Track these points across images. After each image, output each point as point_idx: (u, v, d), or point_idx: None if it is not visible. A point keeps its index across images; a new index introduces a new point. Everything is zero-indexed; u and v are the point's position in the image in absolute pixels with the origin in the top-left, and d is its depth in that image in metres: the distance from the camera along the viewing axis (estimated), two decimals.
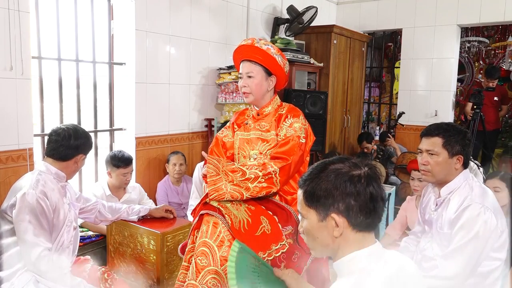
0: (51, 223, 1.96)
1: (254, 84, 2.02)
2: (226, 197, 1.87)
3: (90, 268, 2.20)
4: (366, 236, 1.13)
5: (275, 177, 1.89)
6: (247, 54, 2.03)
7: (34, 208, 1.88)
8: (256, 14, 4.40)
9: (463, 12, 4.97)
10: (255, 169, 1.88)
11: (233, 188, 1.86)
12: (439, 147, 1.84)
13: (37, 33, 2.81)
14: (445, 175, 1.87)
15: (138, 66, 3.32)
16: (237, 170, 1.90)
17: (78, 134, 2.07)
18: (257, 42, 2.01)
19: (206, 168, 1.93)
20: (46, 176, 2.01)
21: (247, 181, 1.87)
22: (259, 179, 1.87)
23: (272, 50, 2.00)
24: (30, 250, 1.88)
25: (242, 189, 1.86)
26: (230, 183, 1.87)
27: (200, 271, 1.77)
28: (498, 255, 1.81)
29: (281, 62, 2.03)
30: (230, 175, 1.88)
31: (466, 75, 6.61)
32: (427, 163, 1.88)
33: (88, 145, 2.14)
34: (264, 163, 1.90)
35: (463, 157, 1.85)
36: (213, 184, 1.87)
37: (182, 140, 3.75)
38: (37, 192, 1.90)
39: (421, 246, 2.02)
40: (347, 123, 5.07)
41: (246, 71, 2.03)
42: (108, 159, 3.02)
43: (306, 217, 1.16)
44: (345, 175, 1.11)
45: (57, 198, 2.00)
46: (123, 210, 2.51)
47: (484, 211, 1.73)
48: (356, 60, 5.13)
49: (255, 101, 2.07)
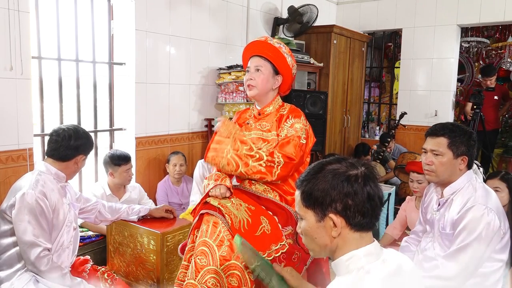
0: (50, 224, 1.97)
1: (261, 79, 2.02)
2: (222, 162, 1.89)
3: (90, 268, 2.21)
4: (364, 235, 1.14)
5: (276, 168, 1.89)
6: (258, 49, 2.04)
7: (33, 208, 1.88)
8: (256, 14, 4.40)
9: (463, 12, 4.97)
10: (263, 152, 1.90)
11: (233, 157, 1.88)
12: (444, 148, 1.83)
13: (37, 33, 2.81)
14: (449, 175, 1.86)
15: (138, 66, 3.32)
16: (246, 143, 1.92)
17: (78, 134, 2.07)
18: (270, 39, 2.03)
19: (219, 127, 1.96)
20: (46, 177, 2.01)
21: (250, 157, 1.88)
22: (262, 161, 1.88)
23: (284, 49, 2.03)
24: (30, 250, 1.88)
25: (241, 161, 1.88)
26: (234, 151, 1.89)
27: (199, 271, 1.77)
28: (500, 256, 1.81)
29: (290, 62, 2.04)
30: (238, 144, 1.90)
31: (466, 75, 6.61)
32: (431, 163, 1.87)
33: (88, 146, 2.13)
34: (273, 152, 1.91)
35: (468, 158, 1.84)
36: (217, 143, 1.90)
37: (182, 140, 3.75)
38: (36, 193, 1.91)
39: (422, 246, 2.02)
40: (347, 123, 5.07)
41: (254, 64, 2.04)
42: (107, 160, 3.02)
43: (304, 218, 1.16)
44: (342, 175, 1.11)
45: (56, 198, 2.00)
46: (123, 210, 2.51)
47: (487, 213, 1.73)
48: (356, 60, 5.13)
49: (257, 96, 2.06)
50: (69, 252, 2.11)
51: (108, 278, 2.16)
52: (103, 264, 2.61)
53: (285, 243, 1.83)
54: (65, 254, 2.08)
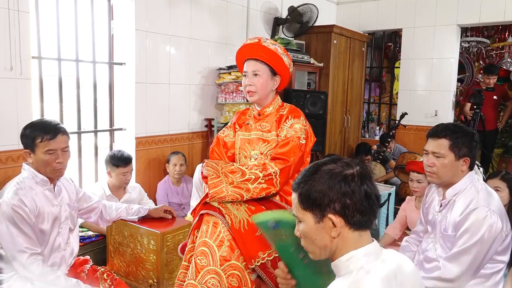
0: (36, 228, 1.92)
1: (260, 83, 1.99)
2: (227, 199, 1.86)
3: (89, 268, 2.20)
4: (363, 234, 1.14)
5: (275, 178, 1.88)
6: (253, 53, 2.00)
7: (11, 217, 1.84)
8: (256, 14, 4.40)
9: (463, 12, 4.97)
10: (255, 170, 1.87)
11: (233, 191, 1.85)
12: (445, 149, 1.80)
13: (37, 33, 2.81)
14: (451, 177, 1.84)
15: (138, 66, 3.32)
16: (236, 171, 1.89)
17: (31, 122, 1.98)
18: (264, 41, 1.99)
19: (205, 170, 1.93)
20: (28, 182, 1.95)
21: (247, 182, 1.86)
22: (259, 180, 1.86)
23: (279, 50, 1.99)
24: (17, 258, 1.86)
25: (242, 190, 1.85)
26: (230, 185, 1.86)
27: (199, 271, 1.77)
28: (501, 257, 1.81)
29: (287, 62, 2.02)
30: (230, 176, 1.87)
31: (466, 75, 6.61)
32: (433, 164, 1.84)
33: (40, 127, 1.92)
34: (265, 164, 1.90)
35: (470, 159, 1.82)
36: (214, 187, 1.86)
37: (182, 140, 3.75)
38: (12, 201, 1.86)
39: (423, 246, 2.02)
40: (347, 123, 5.07)
41: (252, 69, 2.00)
42: (107, 158, 3.03)
43: (303, 220, 1.16)
44: (338, 175, 1.12)
45: (41, 202, 1.95)
46: (122, 211, 2.50)
47: (490, 215, 1.72)
48: (356, 60, 5.13)
49: (259, 100, 2.05)
50: (66, 254, 2.08)
51: (108, 278, 2.15)
52: (103, 264, 2.61)
53: None
54: (61, 256, 2.06)
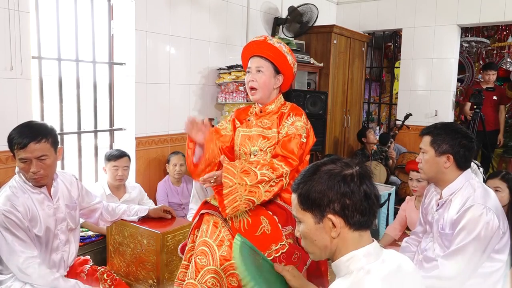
0: (31, 232, 1.92)
1: (262, 80, 2.00)
2: (241, 210, 1.80)
3: (89, 268, 2.20)
4: (363, 234, 1.14)
5: (285, 180, 1.86)
6: (258, 50, 2.02)
7: (3, 222, 1.85)
8: (256, 14, 4.40)
9: (463, 12, 4.97)
10: (266, 170, 1.82)
11: (247, 198, 1.78)
12: (427, 145, 1.89)
13: (37, 33, 2.81)
14: (435, 173, 1.89)
15: (138, 66, 3.32)
16: (249, 171, 1.80)
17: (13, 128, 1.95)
18: (270, 39, 2.01)
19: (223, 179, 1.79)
20: (20, 186, 1.95)
21: (260, 184, 1.79)
22: (271, 182, 1.82)
23: (284, 48, 2.01)
24: (12, 262, 1.86)
25: (254, 197, 1.79)
26: (244, 192, 1.77)
27: (199, 270, 1.77)
28: (499, 256, 1.80)
29: (291, 61, 2.03)
30: (244, 179, 1.78)
31: (466, 75, 6.61)
32: (419, 160, 1.94)
33: (14, 132, 1.93)
34: (273, 163, 1.85)
35: (453, 157, 1.84)
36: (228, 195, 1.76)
37: (182, 140, 3.75)
38: (3, 207, 1.86)
39: (422, 246, 2.02)
40: (347, 123, 5.08)
41: (256, 65, 2.01)
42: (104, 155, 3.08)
43: (302, 221, 1.16)
44: (338, 175, 1.12)
45: (34, 206, 1.95)
46: (122, 211, 2.50)
47: (486, 212, 1.73)
48: (356, 60, 5.13)
49: (260, 99, 2.06)
50: (65, 254, 2.08)
51: (108, 278, 2.15)
52: (103, 264, 2.61)
53: (285, 243, 1.83)
54: (60, 257, 2.06)
